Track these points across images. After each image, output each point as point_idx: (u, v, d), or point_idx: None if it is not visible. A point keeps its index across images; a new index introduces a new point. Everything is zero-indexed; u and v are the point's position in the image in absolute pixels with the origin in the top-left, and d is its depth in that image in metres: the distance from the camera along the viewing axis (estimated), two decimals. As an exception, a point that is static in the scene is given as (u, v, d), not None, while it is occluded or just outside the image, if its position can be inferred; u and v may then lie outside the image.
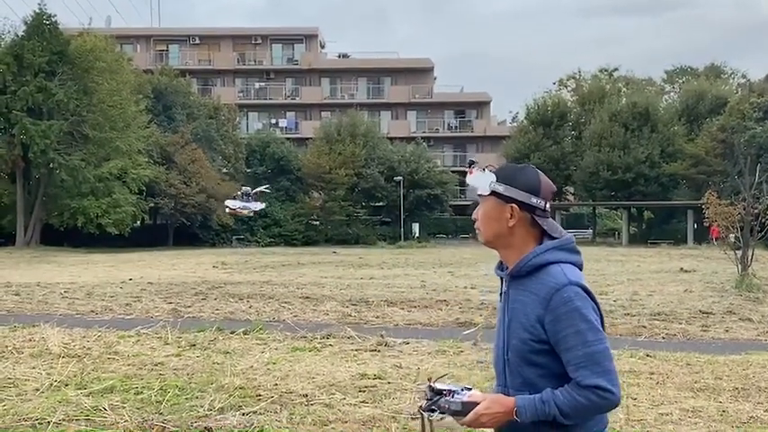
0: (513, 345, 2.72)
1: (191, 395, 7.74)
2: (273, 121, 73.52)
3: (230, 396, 7.65)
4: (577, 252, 2.75)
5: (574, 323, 2.56)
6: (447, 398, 2.71)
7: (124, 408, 7.19)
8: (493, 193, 2.77)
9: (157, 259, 34.81)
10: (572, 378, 2.58)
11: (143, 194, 48.03)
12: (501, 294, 2.86)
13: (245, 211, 53.93)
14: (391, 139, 65.04)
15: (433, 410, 2.75)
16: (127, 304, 15.97)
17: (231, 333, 11.77)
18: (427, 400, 2.77)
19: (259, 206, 54.05)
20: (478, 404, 2.67)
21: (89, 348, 10.52)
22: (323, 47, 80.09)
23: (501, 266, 2.86)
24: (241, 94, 73.96)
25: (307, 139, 64.41)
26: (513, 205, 2.73)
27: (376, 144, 60.40)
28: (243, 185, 50.74)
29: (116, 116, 45.77)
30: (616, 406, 2.64)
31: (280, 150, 57.95)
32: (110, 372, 8.97)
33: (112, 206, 45.18)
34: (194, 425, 6.71)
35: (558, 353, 2.61)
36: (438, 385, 2.76)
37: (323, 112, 72.56)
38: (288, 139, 63.01)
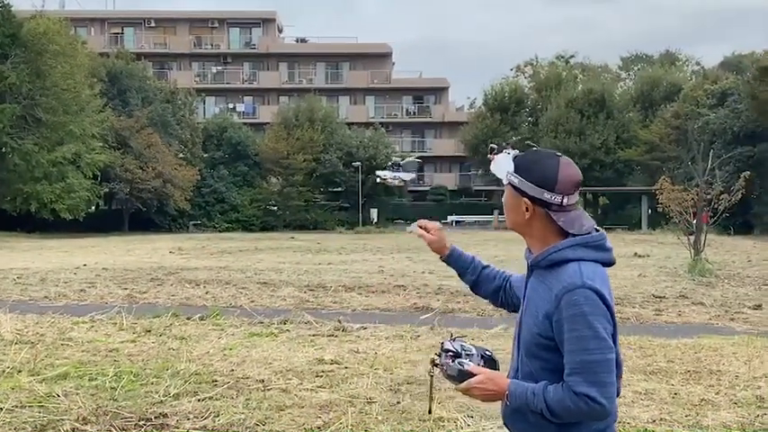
0: (524, 335, 2.72)
1: (146, 381, 7.69)
2: (231, 105, 72.89)
3: (186, 382, 7.61)
4: (605, 249, 2.67)
5: (578, 328, 2.52)
6: (449, 360, 2.71)
7: (78, 394, 7.13)
8: (510, 183, 2.71)
9: (113, 245, 34.45)
10: (566, 381, 2.56)
11: (98, 179, 47.41)
12: (526, 281, 2.83)
13: (396, 181, 54.94)
14: (350, 124, 64.85)
15: (437, 366, 2.76)
16: (81, 290, 15.79)
17: (187, 319, 11.71)
18: (437, 354, 2.77)
19: (410, 176, 55.16)
20: (475, 376, 2.67)
21: (42, 335, 10.40)
22: (281, 31, 79.56)
23: (529, 251, 2.81)
24: (198, 79, 73.21)
25: (264, 123, 64.02)
26: (527, 200, 2.67)
27: (334, 129, 60.23)
28: (394, 157, 52.12)
29: (70, 100, 45.04)
30: (605, 417, 2.59)
31: (237, 135, 57.55)
32: (63, 358, 8.88)
33: (66, 191, 44.54)
34: (149, 411, 6.67)
35: (562, 352, 2.59)
36: (449, 344, 2.75)
37: (281, 97, 72.15)
38: (245, 123, 62.54)
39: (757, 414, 6.67)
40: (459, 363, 2.70)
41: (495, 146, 2.79)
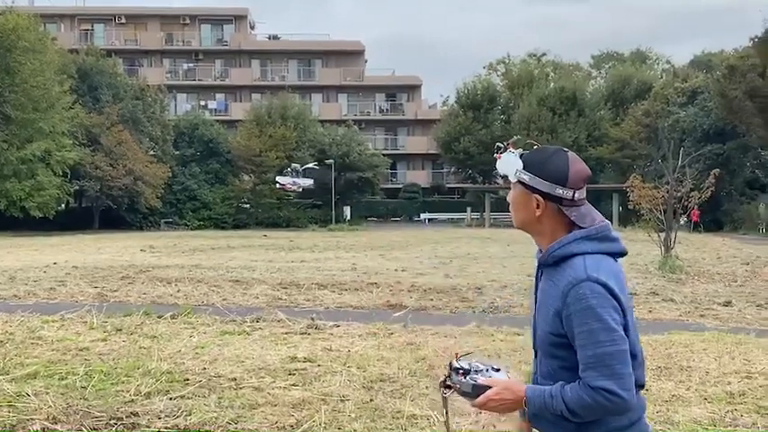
0: (539, 335, 2.71)
1: (116, 380, 7.63)
2: (202, 102, 72.58)
3: (157, 381, 7.56)
4: (611, 239, 2.66)
5: (587, 321, 2.50)
6: (460, 377, 2.69)
7: (48, 394, 7.05)
8: (519, 181, 2.69)
9: (83, 243, 34.16)
10: (581, 377, 2.53)
11: (68, 177, 47.01)
12: (536, 280, 2.82)
13: (295, 187, 55.84)
14: (322, 121, 64.81)
15: (448, 387, 2.74)
16: (51, 288, 15.63)
17: (159, 317, 11.62)
18: (446, 375, 2.75)
19: (308, 182, 56.07)
20: (490, 389, 2.64)
21: (11, 333, 10.29)
22: (253, 28, 79.30)
23: (539, 251, 2.78)
24: (169, 75, 72.80)
25: (237, 121, 63.76)
26: (538, 196, 2.65)
27: (307, 127, 60.15)
28: (293, 162, 52.25)
29: (39, 97, 44.62)
30: (627, 410, 2.57)
31: (209, 132, 57.28)
32: (33, 357, 8.79)
33: (36, 189, 44.17)
34: (120, 410, 6.62)
35: (575, 348, 2.57)
36: (457, 363, 2.73)
37: (253, 94, 71.90)
38: (217, 121, 62.28)
39: (728, 410, 6.72)
40: (471, 378, 2.68)
41: (501, 145, 2.78)
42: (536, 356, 2.79)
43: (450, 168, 69.71)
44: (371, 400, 6.93)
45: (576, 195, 2.65)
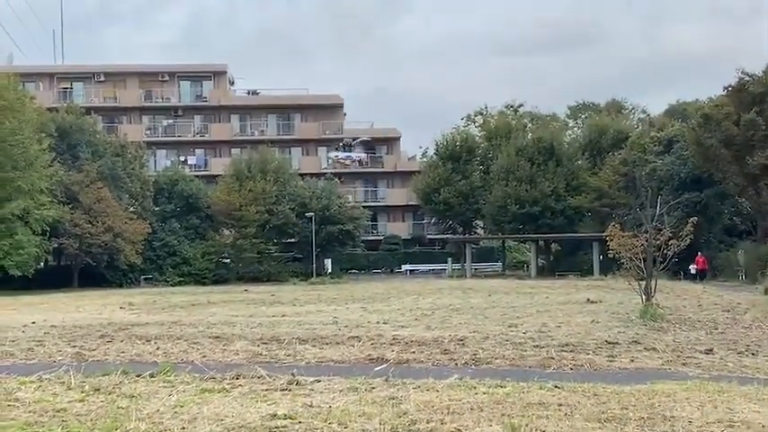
0: None
1: (94, 442, 7.50)
2: (182, 158, 72.62)
3: (135, 442, 7.43)
4: None
5: None
6: None
7: (23, 458, 6.92)
8: None
9: (62, 301, 33.85)
10: None
11: (47, 235, 46.76)
12: None
13: (348, 161, 58.83)
14: (302, 175, 64.97)
15: None
16: (29, 349, 15.44)
17: (137, 376, 11.47)
18: None
19: (362, 155, 59.23)
20: None
21: (-13, 396, 10.12)
22: (232, 83, 79.69)
23: None
24: (148, 132, 72.91)
25: (216, 176, 63.78)
26: None
27: (287, 180, 60.27)
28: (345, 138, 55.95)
29: (18, 155, 44.55)
30: None
31: (189, 188, 57.29)
32: (9, 420, 8.65)
33: (15, 248, 43.89)
34: (97, 473, 6.49)
35: None
36: None
37: (233, 149, 72.07)
38: (197, 176, 62.33)
39: (711, 459, 6.68)
40: None
41: None
42: None
43: (431, 219, 69.81)
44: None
45: None
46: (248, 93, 78.60)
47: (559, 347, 14.23)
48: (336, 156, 62.06)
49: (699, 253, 44.49)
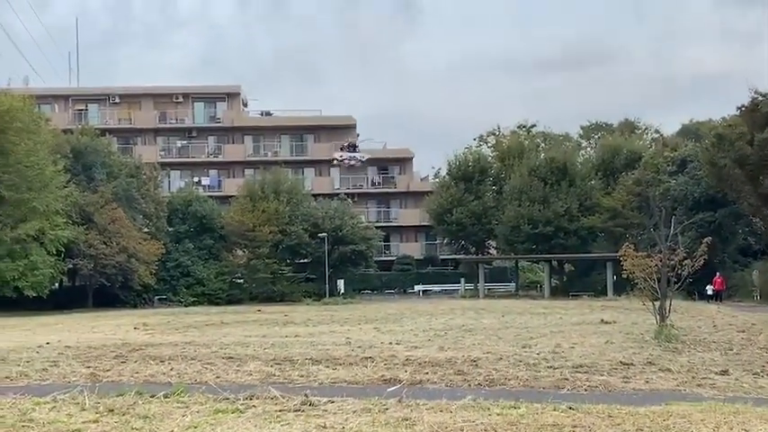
0: None
1: (108, 463, 7.52)
2: (196, 179, 72.99)
3: (150, 462, 7.45)
4: None
5: None
6: None
7: (38, 478, 6.95)
8: None
9: (76, 322, 33.95)
10: None
11: (61, 255, 46.96)
12: None
13: (353, 162, 59.61)
14: (315, 195, 65.14)
15: None
16: (43, 369, 15.49)
17: (151, 397, 11.49)
18: None
19: (366, 156, 60.22)
20: None
21: (3, 416, 10.17)
22: (245, 105, 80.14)
23: None
24: (163, 153, 73.35)
25: (230, 196, 64.00)
26: None
27: (300, 201, 60.45)
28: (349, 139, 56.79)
29: (33, 177, 44.86)
30: None
31: (202, 208, 57.49)
32: (24, 441, 8.67)
33: (30, 268, 44.07)
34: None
35: None
36: None
37: (246, 170, 72.37)
38: (211, 197, 62.57)
39: (727, 481, 6.65)
40: None
41: None
42: None
43: (444, 240, 69.74)
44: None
45: None
46: (261, 114, 78.98)
47: (573, 368, 14.18)
48: (341, 156, 62.22)
49: (717, 273, 44.30)
